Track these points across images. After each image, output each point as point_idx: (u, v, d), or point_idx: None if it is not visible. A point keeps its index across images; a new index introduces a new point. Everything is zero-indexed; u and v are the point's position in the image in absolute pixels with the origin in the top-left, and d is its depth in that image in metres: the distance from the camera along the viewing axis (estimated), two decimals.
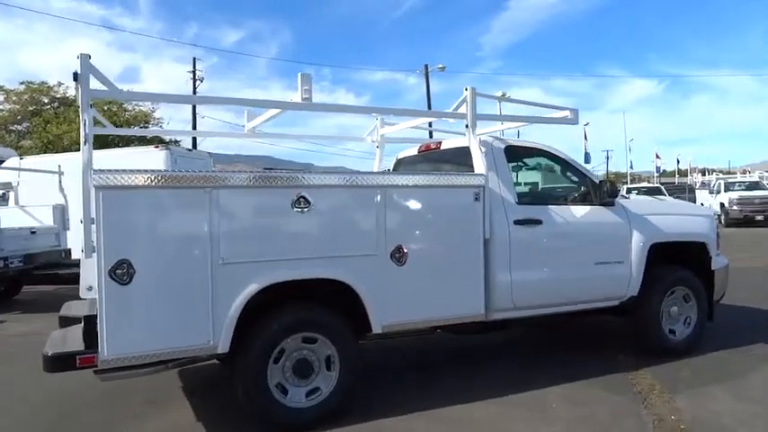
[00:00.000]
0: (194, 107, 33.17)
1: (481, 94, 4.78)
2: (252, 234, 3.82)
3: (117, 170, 3.45)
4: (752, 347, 5.77)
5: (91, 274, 3.73)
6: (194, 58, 34.09)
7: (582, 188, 5.27)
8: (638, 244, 5.25)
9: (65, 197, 10.65)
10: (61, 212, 10.58)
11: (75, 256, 11.23)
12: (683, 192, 27.68)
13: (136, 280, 3.49)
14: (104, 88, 3.65)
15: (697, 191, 28.78)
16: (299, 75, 4.12)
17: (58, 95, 30.70)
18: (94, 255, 3.43)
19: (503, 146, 4.96)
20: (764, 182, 25.73)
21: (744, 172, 51.86)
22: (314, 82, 3.69)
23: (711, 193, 25.39)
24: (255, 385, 3.85)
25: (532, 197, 5.24)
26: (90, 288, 3.75)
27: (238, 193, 3.76)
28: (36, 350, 3.83)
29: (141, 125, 29.67)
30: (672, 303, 5.53)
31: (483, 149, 4.70)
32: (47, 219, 10.46)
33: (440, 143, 5.47)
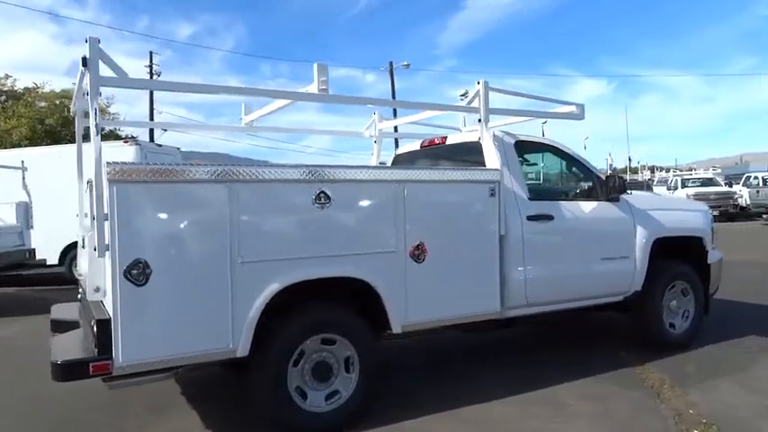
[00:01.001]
0: (152, 102, 32.49)
1: (493, 88, 4.69)
2: (272, 231, 3.63)
3: (132, 163, 3.21)
4: (743, 340, 5.90)
5: (99, 275, 3.48)
6: (151, 53, 33.16)
7: (588, 184, 5.27)
8: (642, 239, 5.28)
9: (28, 194, 10.12)
10: (25, 210, 10.05)
11: (40, 256, 10.71)
12: (642, 188, 28.46)
13: (152, 281, 3.26)
14: (113, 75, 3.39)
15: (654, 187, 29.66)
16: (316, 65, 3.94)
17: (5, 88, 29.23)
18: (101, 254, 3.19)
19: (513, 141, 4.90)
20: (718, 179, 26.71)
21: (690, 169, 53.84)
22: (270, 78, 3.52)
23: (669, 189, 26.20)
24: (275, 390, 3.67)
25: (542, 193, 5.20)
26: (97, 289, 3.49)
27: (259, 187, 3.57)
28: (10, 356, 3.55)
29: None
30: (671, 297, 5.60)
31: (496, 144, 4.63)
32: (9, 217, 9.90)
33: (445, 138, 5.37)
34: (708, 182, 25.45)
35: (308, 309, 3.83)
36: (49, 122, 24.82)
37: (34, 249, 10.25)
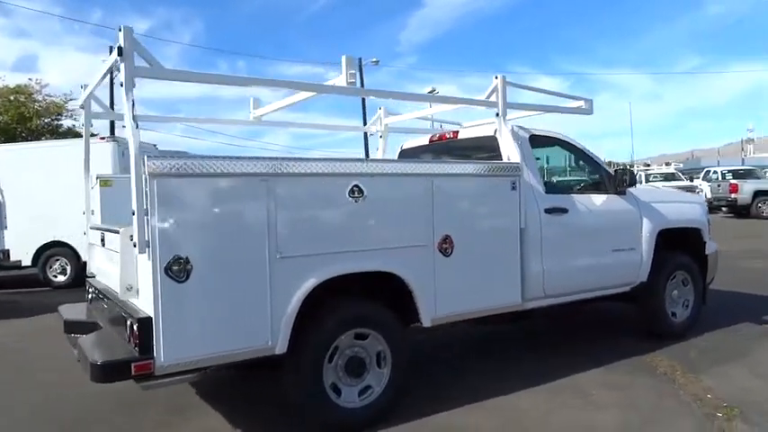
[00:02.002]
0: (112, 97, 31.56)
1: (510, 83, 4.73)
2: (309, 226, 3.57)
3: (172, 156, 3.11)
4: (738, 327, 6.11)
5: (131, 273, 3.37)
6: (111, 47, 32.21)
7: (597, 177, 5.38)
8: (647, 230, 5.42)
9: (1, 193, 9.71)
10: None
11: (15, 257, 10.30)
12: None
13: (193, 277, 3.17)
14: (147, 65, 3.27)
15: None
16: (344, 57, 3.90)
17: None
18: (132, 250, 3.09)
19: (527, 135, 4.95)
20: (679, 174, 27.63)
21: (646, 165, 55.54)
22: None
23: None
24: (311, 387, 3.62)
25: (557, 186, 5.27)
26: (130, 288, 3.38)
27: (296, 182, 3.50)
28: (7, 358, 3.41)
29: (54, 117, 27.67)
30: (673, 287, 5.76)
31: (514, 138, 4.67)
32: None
33: (456, 133, 5.39)
34: (670, 176, 26.28)
35: (342, 304, 3.79)
36: (3, 119, 23.85)
37: (8, 250, 9.85)
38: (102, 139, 11.26)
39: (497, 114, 4.72)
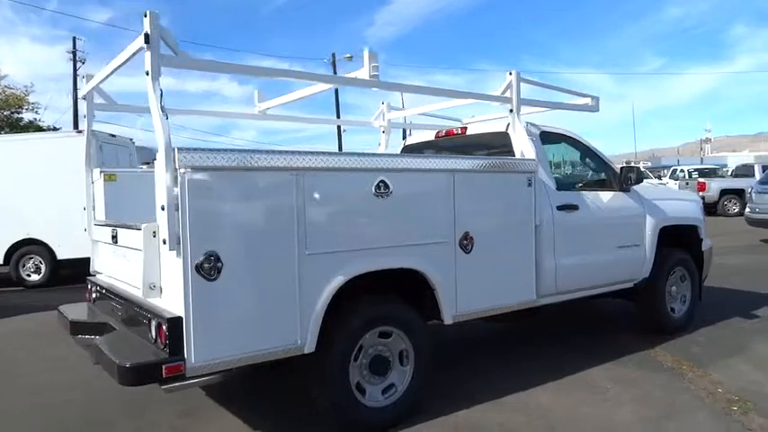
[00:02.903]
0: (75, 89, 30.61)
1: (525, 79, 4.73)
2: (336, 222, 3.48)
3: (203, 149, 2.99)
4: (730, 322, 6.26)
5: (155, 270, 3.24)
6: (74, 38, 31.25)
7: (603, 174, 5.42)
8: (650, 227, 5.50)
9: None
10: None
11: None
12: None
13: (223, 275, 3.05)
14: (172, 54, 3.13)
15: None
16: (366, 51, 3.82)
17: None
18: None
19: (538, 131, 4.95)
20: (648, 172, 28.25)
21: None
22: (194, 69, 3.33)
23: None
24: (338, 387, 3.55)
25: (567, 183, 5.29)
26: (153, 286, 3.25)
27: (325, 176, 3.41)
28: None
29: (13, 110, 26.76)
30: (672, 283, 5.86)
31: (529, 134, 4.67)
32: None
33: (465, 128, 5.36)
34: None
35: (367, 302, 3.72)
36: None
37: None
38: (80, 132, 10.86)
39: (511, 110, 4.70)
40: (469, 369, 4.92)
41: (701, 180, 21.82)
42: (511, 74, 4.68)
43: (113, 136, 11.87)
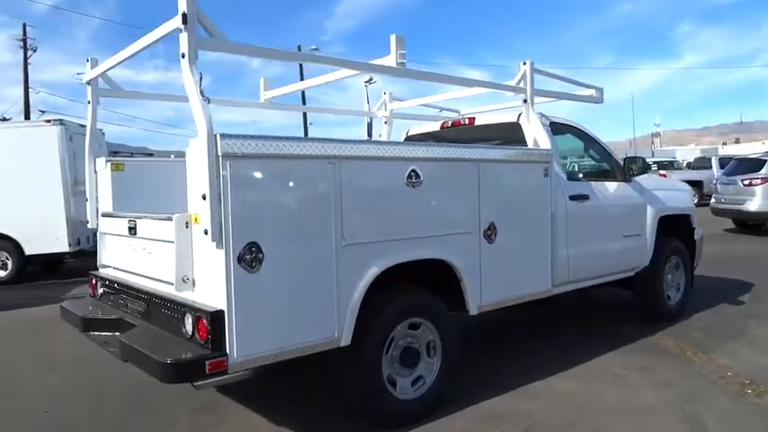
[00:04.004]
0: (26, 78, 29.41)
1: (537, 69, 4.73)
2: (370, 212, 3.41)
3: (244, 135, 2.87)
4: (720, 308, 6.46)
5: (188, 263, 3.09)
6: (24, 25, 30.00)
7: (607, 165, 5.49)
8: (651, 217, 5.61)
9: None
10: None
11: None
12: None
13: (264, 266, 2.94)
14: (208, 36, 2.98)
15: None
16: (394, 37, 3.73)
17: None
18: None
19: (548, 122, 4.97)
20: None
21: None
22: (147, 61, 3.31)
23: None
24: (371, 379, 3.48)
25: (576, 173, 5.33)
26: (186, 279, 3.10)
27: (360, 165, 3.33)
28: None
29: None
30: (668, 271, 6.00)
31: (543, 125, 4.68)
32: None
33: (473, 119, 5.33)
34: None
35: (400, 293, 3.66)
36: None
37: None
38: (48, 122, 10.41)
39: (525, 101, 4.70)
40: (485, 359, 4.92)
41: (661, 172, 22.47)
42: (525, 64, 4.68)
43: (83, 126, 11.39)
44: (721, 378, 4.38)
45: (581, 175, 5.29)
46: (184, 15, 2.84)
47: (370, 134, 8.11)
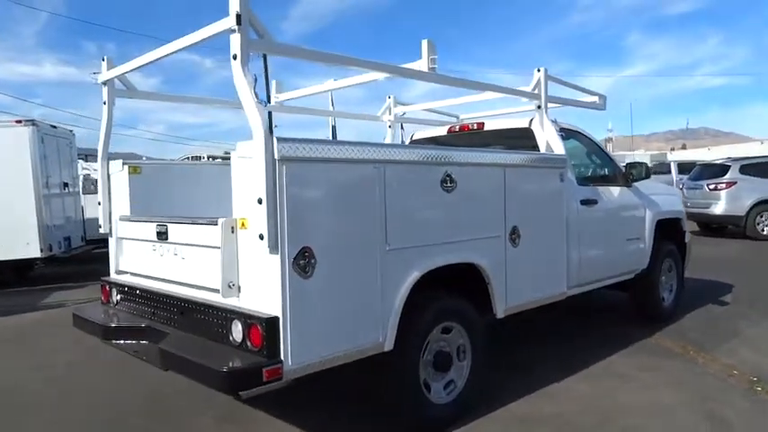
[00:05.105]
0: None
1: (552, 77, 4.83)
2: (411, 216, 3.40)
3: (299, 139, 2.83)
4: (708, 308, 6.72)
5: (233, 268, 3.03)
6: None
7: (609, 170, 5.64)
8: (649, 220, 5.79)
9: None
10: None
11: None
12: None
13: (317, 271, 2.91)
14: (257, 38, 2.91)
15: None
16: (425, 42, 3.76)
17: None
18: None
19: (558, 128, 5.07)
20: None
21: None
22: (95, 59, 3.28)
23: None
24: (409, 384, 3.47)
25: (585, 179, 5.44)
26: (232, 285, 3.03)
27: (402, 169, 3.32)
28: None
29: None
30: (662, 273, 6.19)
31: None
32: None
33: (482, 124, 5.39)
34: None
35: (436, 297, 3.67)
36: None
37: None
38: (19, 122, 9.98)
39: (539, 107, 4.78)
40: (499, 361, 4.96)
41: None
42: (539, 71, 4.77)
43: (54, 127, 11.01)
44: (729, 377, 4.54)
45: (596, 180, 5.42)
46: (238, 16, 2.78)
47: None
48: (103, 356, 5.10)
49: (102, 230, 4.24)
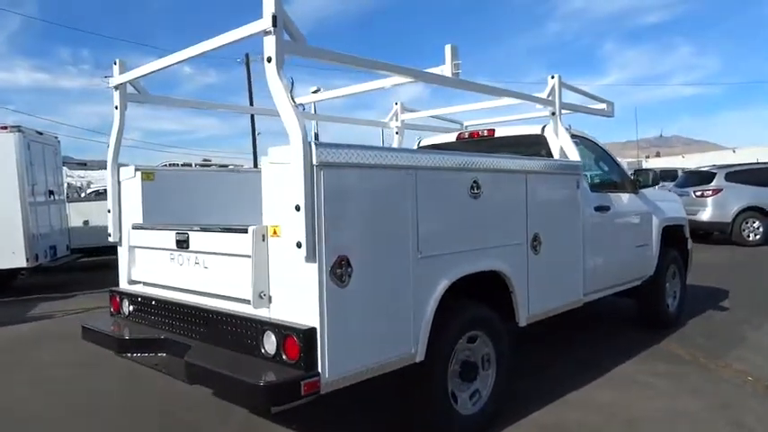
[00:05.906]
0: None
1: (566, 84, 4.82)
2: (441, 223, 3.35)
3: (336, 144, 2.76)
4: (709, 314, 6.76)
5: (264, 277, 2.93)
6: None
7: (617, 177, 5.65)
8: (656, 227, 5.81)
9: None
10: None
11: None
12: None
13: (353, 280, 2.83)
14: (290, 41, 2.83)
15: None
16: (449, 47, 3.72)
17: None
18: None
19: (569, 135, 5.06)
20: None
21: None
22: (72, 65, 3.22)
23: None
24: (438, 395, 3.40)
25: (597, 185, 5.44)
26: (263, 295, 2.93)
27: (433, 176, 3.27)
28: None
29: None
30: (667, 280, 6.22)
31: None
32: None
33: (492, 131, 5.36)
34: None
35: (462, 306, 3.60)
36: None
37: None
38: (5, 128, 9.71)
39: (553, 113, 4.78)
40: (516, 369, 4.91)
41: None
42: (553, 78, 4.76)
43: (40, 134, 10.74)
44: (744, 383, 4.55)
45: (607, 187, 5.43)
46: (274, 17, 2.70)
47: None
48: (106, 369, 4.95)
49: (111, 239, 4.10)
